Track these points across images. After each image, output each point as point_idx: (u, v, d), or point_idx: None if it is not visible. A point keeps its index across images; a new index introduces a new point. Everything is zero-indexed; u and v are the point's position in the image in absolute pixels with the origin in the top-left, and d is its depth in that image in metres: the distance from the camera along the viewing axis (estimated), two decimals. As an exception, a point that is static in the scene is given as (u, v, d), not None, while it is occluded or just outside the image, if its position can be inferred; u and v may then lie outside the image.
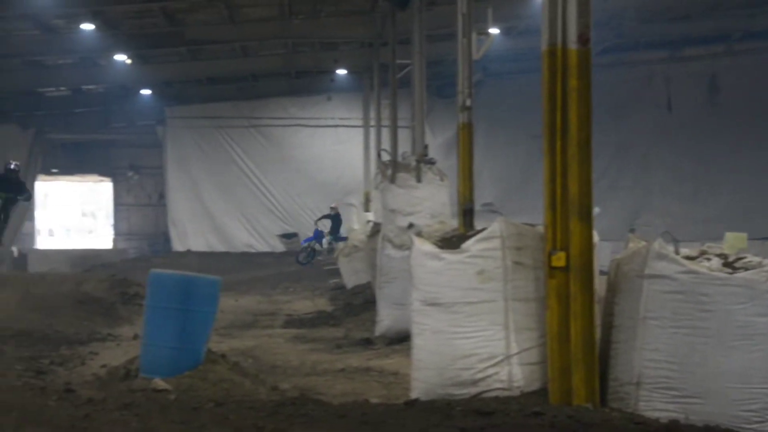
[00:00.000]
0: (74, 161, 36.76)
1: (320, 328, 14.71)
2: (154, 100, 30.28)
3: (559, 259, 7.37)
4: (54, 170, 36.19)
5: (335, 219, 27.40)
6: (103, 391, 8.46)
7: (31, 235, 35.60)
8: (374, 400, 7.99)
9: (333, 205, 28.05)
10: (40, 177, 33.43)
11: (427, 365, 7.78)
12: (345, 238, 26.46)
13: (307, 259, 26.00)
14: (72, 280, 18.05)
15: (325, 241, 26.82)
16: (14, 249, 31.27)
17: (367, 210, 23.73)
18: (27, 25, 21.08)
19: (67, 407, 7.87)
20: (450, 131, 28.34)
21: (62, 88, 28.73)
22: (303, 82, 30.32)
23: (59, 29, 21.83)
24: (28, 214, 33.19)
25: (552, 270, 7.42)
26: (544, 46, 7.41)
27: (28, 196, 20.09)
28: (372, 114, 25.91)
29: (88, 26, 21.13)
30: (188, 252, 30.01)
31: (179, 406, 7.72)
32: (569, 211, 7.40)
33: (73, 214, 40.73)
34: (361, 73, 27.46)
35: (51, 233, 39.84)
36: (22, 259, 29.34)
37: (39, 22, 20.88)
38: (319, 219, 27.49)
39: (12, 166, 18.96)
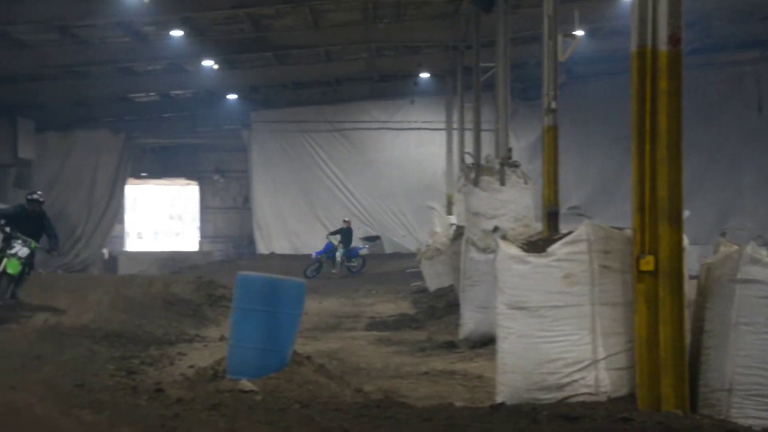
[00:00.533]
0: (162, 165, 37.53)
1: (403, 331, 14.70)
2: (240, 104, 30.67)
3: (647, 263, 7.26)
4: (143, 174, 36.97)
5: (346, 233, 27.59)
6: (191, 392, 8.58)
7: (120, 238, 36.44)
8: (459, 404, 7.96)
9: (346, 219, 28.36)
10: (130, 181, 34.09)
11: (513, 369, 7.72)
12: (357, 252, 26.69)
13: (314, 272, 25.89)
14: (160, 282, 18.36)
15: (338, 254, 26.86)
16: (105, 251, 32.06)
17: (449, 213, 23.64)
18: (119, 32, 21.57)
19: (157, 407, 8.03)
20: (533, 134, 28.15)
21: (151, 94, 29.31)
22: (386, 85, 30.40)
23: (149, 36, 22.28)
24: (118, 218, 33.96)
25: (640, 274, 7.30)
26: (633, 47, 7.30)
27: (56, 243, 14.63)
28: (455, 117, 25.84)
29: (177, 33, 21.52)
30: (272, 254, 30.31)
31: (265, 407, 7.80)
32: (658, 214, 7.28)
33: (161, 217, 41.47)
34: (444, 77, 27.41)
35: (140, 236, 40.66)
36: (113, 261, 30.02)
37: (131, 29, 21.34)
38: (331, 233, 27.66)
39: (35, 197, 14.36)
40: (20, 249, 13.54)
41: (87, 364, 10.01)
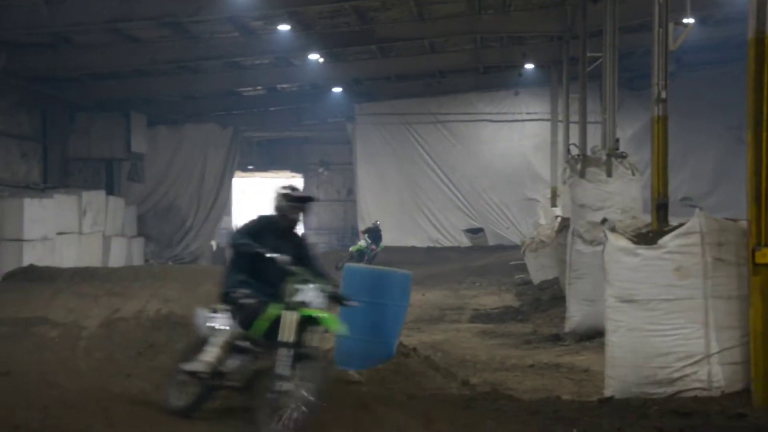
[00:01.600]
0: (268, 158, 38.10)
1: (508, 324, 14.63)
2: (344, 97, 30.88)
3: (764, 256, 7.08)
4: (249, 167, 37.57)
5: (375, 233, 28.14)
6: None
7: (228, 230, 37.10)
8: (566, 397, 7.90)
9: (376, 221, 28.95)
10: (237, 173, 34.67)
11: (623, 363, 7.63)
12: (375, 254, 27.25)
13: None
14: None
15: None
16: (213, 243, 32.69)
17: (553, 205, 23.38)
18: (228, 27, 21.93)
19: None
20: (639, 124, 27.65)
21: (258, 88, 29.71)
22: (490, 77, 30.20)
23: (257, 31, 22.59)
24: (226, 210, 34.61)
25: (756, 267, 7.13)
26: (750, 34, 7.11)
27: None
28: (560, 108, 25.54)
29: (284, 27, 21.77)
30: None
31: (373, 397, 7.86)
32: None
33: (266, 209, 42.09)
34: (549, 67, 27.08)
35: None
36: (220, 252, 30.54)
37: (239, 24, 21.68)
38: (366, 231, 28.35)
39: None
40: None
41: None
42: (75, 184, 26.68)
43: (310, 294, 7.05)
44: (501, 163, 30.97)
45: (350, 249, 27.55)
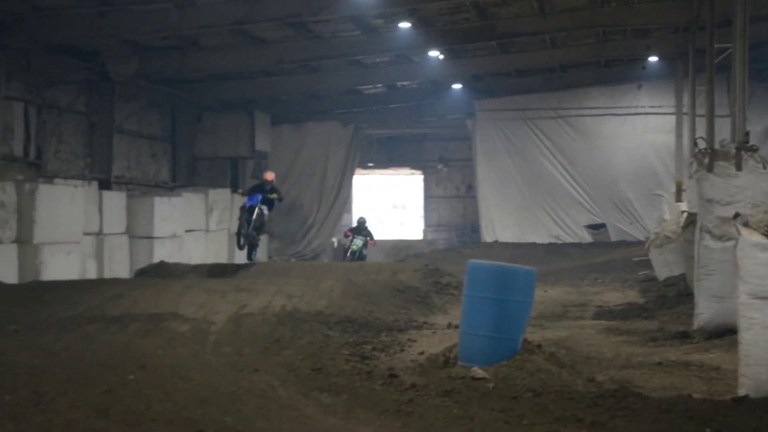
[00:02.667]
0: (387, 155, 38.36)
1: (633, 320, 14.37)
2: (464, 93, 30.86)
3: None
4: (369, 164, 37.92)
5: (363, 230, 27.50)
6: (424, 378, 8.76)
7: (348, 227, 37.50)
8: (697, 396, 7.73)
9: (361, 218, 28.36)
10: (357, 171, 35.04)
11: (757, 361, 7.43)
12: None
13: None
14: (388, 270, 18.74)
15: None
16: (334, 240, 33.13)
17: (678, 200, 22.84)
18: (349, 26, 22.23)
19: (392, 392, 8.26)
20: (768, 117, 26.87)
21: (379, 85, 29.98)
22: (612, 70, 29.71)
23: (379, 29, 22.81)
24: (347, 207, 35.03)
25: None
26: None
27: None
28: (685, 101, 24.94)
29: (404, 24, 21.95)
30: (496, 243, 30.36)
31: (498, 394, 7.87)
32: None
33: (385, 206, 42.39)
34: (674, 59, 26.50)
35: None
36: (341, 249, 30.94)
37: (360, 23, 21.94)
38: (353, 230, 27.81)
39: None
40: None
41: (323, 348, 10.36)
42: (202, 182, 27.45)
43: None
44: (623, 157, 30.43)
45: (350, 250, 26.98)
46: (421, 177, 38.85)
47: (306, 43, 23.18)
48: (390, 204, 42.36)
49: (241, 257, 26.44)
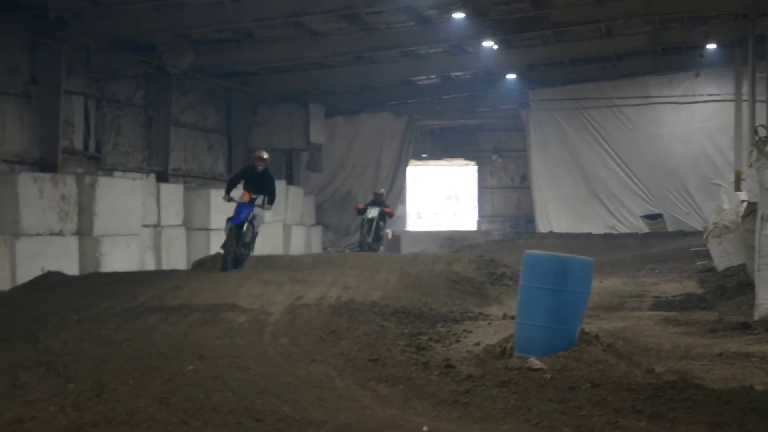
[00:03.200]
0: (441, 146, 38.29)
1: (691, 311, 14.20)
2: (518, 83, 30.69)
3: None
4: (423, 155, 37.89)
5: (379, 202, 25.14)
6: (480, 368, 8.74)
7: (402, 218, 37.56)
8: (759, 387, 7.62)
9: (379, 190, 26.52)
10: (411, 162, 35.04)
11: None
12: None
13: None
14: (443, 261, 18.74)
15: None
16: (388, 231, 33.17)
17: (737, 189, 22.50)
18: (403, 17, 22.24)
19: (448, 383, 8.26)
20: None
21: (432, 76, 29.96)
22: (669, 59, 29.32)
23: (432, 20, 22.78)
24: (401, 198, 35.06)
25: None
26: None
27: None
28: (744, 89, 24.55)
29: (458, 15, 21.90)
30: (550, 233, 30.18)
31: (555, 385, 7.83)
32: None
33: (439, 197, 42.34)
34: (732, 46, 26.11)
35: (419, 216, 41.75)
36: (396, 240, 30.98)
37: (414, 14, 21.94)
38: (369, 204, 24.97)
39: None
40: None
41: (379, 339, 10.38)
42: (257, 174, 27.61)
43: None
44: (680, 147, 30.05)
45: (365, 219, 24.20)
46: (475, 168, 38.73)
47: (359, 34, 23.24)
48: (444, 195, 42.30)
49: (296, 248, 26.63)
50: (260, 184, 16.96)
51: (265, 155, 17.47)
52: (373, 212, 24.20)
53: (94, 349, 8.89)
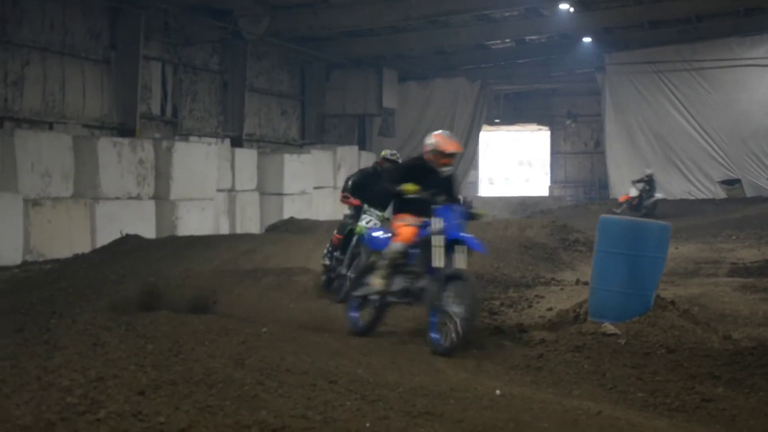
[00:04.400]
0: (514, 111, 38.01)
1: (772, 278, 13.92)
2: (594, 47, 30.17)
3: None
4: (496, 120, 37.65)
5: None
6: (553, 333, 8.76)
7: (474, 184, 37.44)
8: (839, 355, 7.46)
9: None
10: (483, 127, 34.83)
11: None
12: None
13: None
14: (515, 226, 18.67)
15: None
16: (461, 197, 33.05)
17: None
18: (478, -20, 22.08)
19: (521, 347, 8.29)
20: None
21: (507, 41, 29.66)
22: (752, 20, 28.47)
23: (506, -18, 22.59)
24: (473, 164, 34.89)
25: None
26: None
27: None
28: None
29: (535, -23, 21.66)
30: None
31: (630, 350, 7.79)
32: None
33: (511, 162, 42.10)
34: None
35: (491, 181, 41.58)
36: (466, 205, 30.84)
37: (489, -23, 21.77)
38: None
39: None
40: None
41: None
42: (330, 140, 27.79)
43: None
44: (761, 111, 29.29)
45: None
46: (548, 133, 38.37)
47: (433, -1, 23.11)
48: (516, 160, 42.06)
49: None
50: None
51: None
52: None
53: (170, 311, 9.05)
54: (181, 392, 5.57)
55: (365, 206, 11.14)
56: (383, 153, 12.03)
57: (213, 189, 19.79)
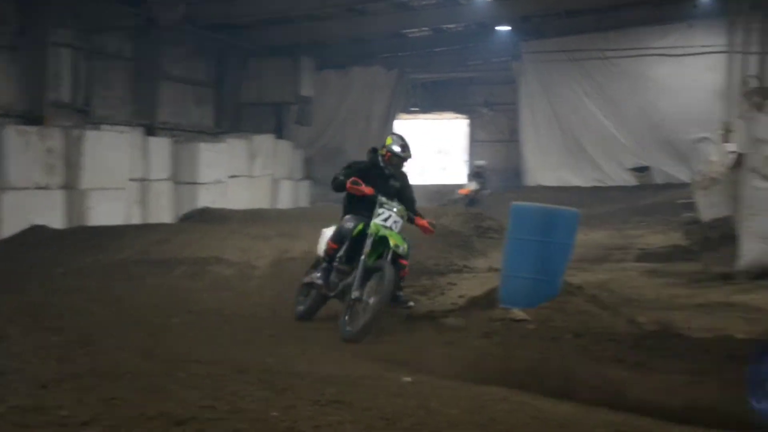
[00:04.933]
0: (431, 100, 38.13)
1: (675, 263, 14.27)
2: (511, 36, 30.39)
3: None
4: (413, 109, 37.74)
5: None
6: (464, 320, 8.82)
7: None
8: (739, 336, 7.68)
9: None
10: (400, 116, 34.92)
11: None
12: None
13: None
14: (430, 214, 18.73)
15: None
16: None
17: (726, 141, 22.44)
18: (395, -31, 22.04)
19: (432, 334, 8.38)
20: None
21: (424, 29, 29.68)
22: (663, 9, 29.00)
23: (425, -29, 22.59)
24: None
25: None
26: None
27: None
28: (738, 41, 24.39)
29: (452, -35, 21.70)
30: (539, 187, 30.14)
31: (538, 335, 7.89)
32: None
33: (428, 151, 42.27)
34: (728, -2, 25.92)
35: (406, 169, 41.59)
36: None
37: (407, -35, 21.74)
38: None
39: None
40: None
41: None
42: (246, 128, 27.53)
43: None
44: (670, 99, 29.83)
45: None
46: (466, 122, 38.62)
47: (351, -14, 23.03)
48: (433, 149, 42.24)
49: (284, 203, 26.55)
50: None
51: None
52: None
53: (79, 302, 8.90)
54: (86, 385, 5.49)
55: (380, 197, 9.13)
56: (389, 144, 9.81)
57: (125, 178, 19.46)
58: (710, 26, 28.57)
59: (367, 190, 9.13)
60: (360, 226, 9.02)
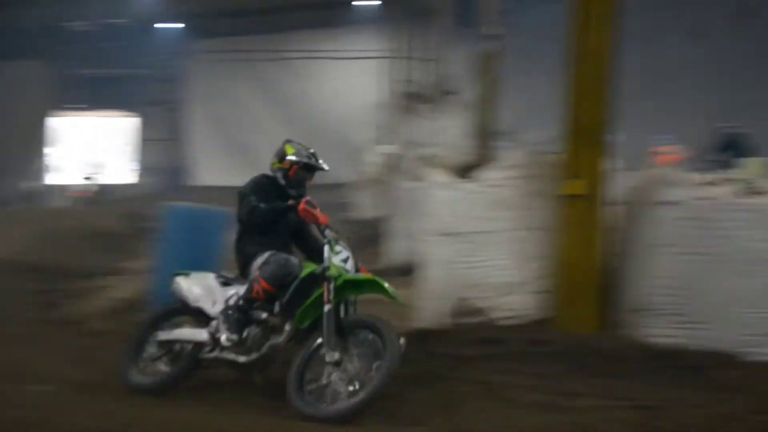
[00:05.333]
0: (97, 97, 36.73)
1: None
2: (180, 34, 29.97)
3: (572, 187, 7.28)
4: (76, 106, 36.22)
5: None
6: (112, 323, 8.63)
7: (43, 171, 35.78)
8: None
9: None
10: (60, 113, 33.46)
11: (437, 295, 7.71)
12: None
13: None
14: (88, 215, 18.18)
15: None
16: (30, 184, 31.53)
17: (381, 143, 23.41)
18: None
19: (78, 339, 8.22)
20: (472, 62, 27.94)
21: (87, 23, 28.54)
22: (332, 13, 29.68)
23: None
24: (45, 151, 33.43)
25: (566, 198, 7.33)
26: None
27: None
28: (393, 46, 25.44)
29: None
30: (203, 187, 29.91)
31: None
32: (585, 139, 7.30)
33: (88, 150, 40.77)
34: (388, 3, 26.92)
35: (65, 169, 39.92)
36: (37, 195, 29.58)
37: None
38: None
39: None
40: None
41: (10, 297, 9.91)
42: None
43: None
44: (340, 100, 30.75)
45: None
46: (132, 119, 37.60)
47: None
48: (97, 147, 40.77)
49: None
50: None
51: None
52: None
53: None
54: None
55: (328, 231, 6.71)
56: (291, 154, 7.71)
57: None
58: (374, 32, 29.71)
59: (322, 217, 6.68)
60: (309, 268, 6.53)
